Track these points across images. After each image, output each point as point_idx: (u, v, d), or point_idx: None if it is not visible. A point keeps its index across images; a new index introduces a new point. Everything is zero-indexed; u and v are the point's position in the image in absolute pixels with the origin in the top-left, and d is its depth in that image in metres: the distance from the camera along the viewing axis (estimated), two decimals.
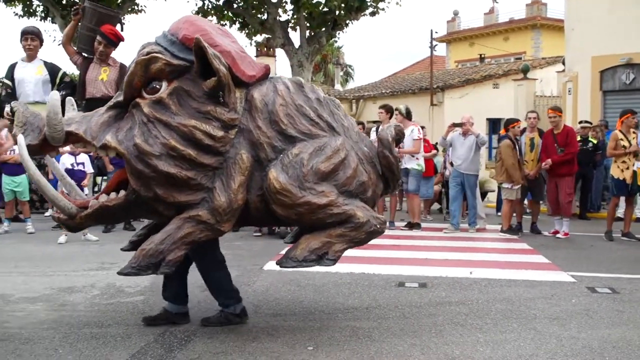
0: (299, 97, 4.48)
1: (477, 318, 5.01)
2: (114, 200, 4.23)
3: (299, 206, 4.19)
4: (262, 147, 4.26)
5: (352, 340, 4.43)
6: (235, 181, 4.17)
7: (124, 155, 4.10)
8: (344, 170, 4.34)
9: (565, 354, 4.17)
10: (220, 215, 4.17)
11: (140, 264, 4.13)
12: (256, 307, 5.28)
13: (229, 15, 18.47)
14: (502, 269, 7.02)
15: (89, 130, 4.17)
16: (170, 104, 4.13)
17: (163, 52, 4.18)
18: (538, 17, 33.91)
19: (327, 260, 4.31)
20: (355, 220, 4.30)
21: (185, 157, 4.06)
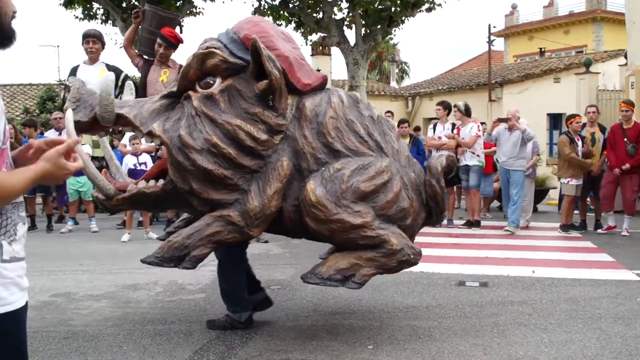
0: (352, 112, 4.38)
1: (540, 318, 4.91)
2: (151, 188, 4.24)
3: (332, 222, 4.06)
4: (305, 156, 4.18)
5: (412, 339, 4.41)
6: (271, 187, 4.10)
7: (166, 144, 4.10)
8: (385, 193, 4.18)
9: (630, 354, 4.06)
10: (251, 219, 4.11)
11: (164, 255, 4.17)
12: (315, 306, 5.31)
13: (285, 15, 18.57)
14: (566, 267, 6.86)
15: (139, 116, 4.19)
16: (220, 100, 4.13)
17: (222, 48, 4.18)
18: (598, 10, 32.91)
19: (352, 283, 4.13)
20: (389, 246, 4.13)
21: (225, 155, 4.05)
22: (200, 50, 4.19)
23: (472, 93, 22.53)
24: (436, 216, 4.67)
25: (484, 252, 7.89)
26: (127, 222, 9.33)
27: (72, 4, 18.25)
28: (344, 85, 21.90)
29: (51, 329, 4.71)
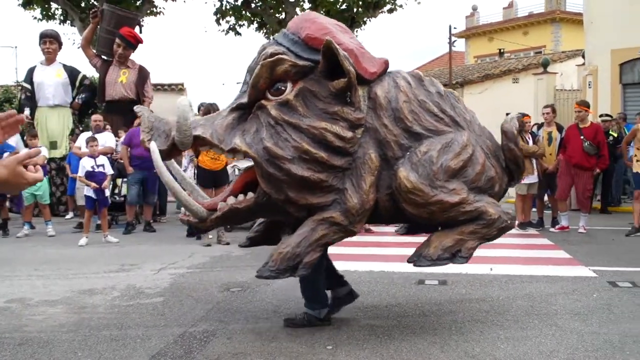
0: (420, 92, 4.41)
1: (497, 315, 4.97)
2: (243, 203, 4.26)
3: (431, 205, 4.15)
4: (389, 145, 4.22)
5: (371, 338, 4.42)
6: (366, 181, 4.15)
7: (254, 158, 4.10)
8: (473, 166, 4.29)
9: (586, 350, 4.12)
10: (353, 216, 4.17)
11: (279, 267, 4.14)
12: (275, 307, 5.29)
13: (247, 15, 18.51)
14: (523, 265, 6.96)
15: (215, 134, 4.17)
16: (297, 105, 4.12)
17: (287, 52, 4.15)
18: (557, 10, 33.58)
19: (460, 258, 4.26)
20: (487, 217, 4.25)
21: (317, 160, 4.06)
22: (265, 58, 4.15)
23: None
24: (517, 177, 4.80)
25: None
26: (85, 226, 9.17)
27: (31, 4, 17.92)
28: None
29: (6, 335, 4.60)
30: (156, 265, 7.18)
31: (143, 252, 8.17)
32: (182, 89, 22.18)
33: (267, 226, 4.86)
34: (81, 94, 12.57)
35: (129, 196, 10.21)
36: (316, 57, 4.11)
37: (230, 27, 18.82)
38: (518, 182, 5.01)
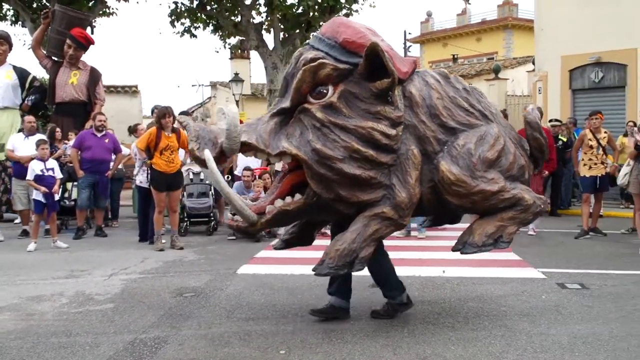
0: (449, 88, 4.69)
1: (449, 317, 5.04)
2: (292, 204, 4.38)
3: (473, 195, 4.43)
4: (428, 140, 4.47)
5: (324, 342, 4.42)
6: (411, 176, 4.37)
7: (305, 161, 4.24)
8: (506, 156, 4.60)
9: (534, 350, 4.21)
10: (403, 210, 4.39)
11: (337, 263, 4.31)
12: (229, 313, 5.24)
13: (202, 17, 18.35)
14: (474, 267, 7.05)
15: (260, 139, 4.28)
16: (341, 107, 4.30)
17: (326, 57, 4.31)
18: (509, 17, 34.27)
19: (502, 243, 4.58)
20: (524, 202, 4.57)
21: (367, 158, 4.26)
22: (306, 62, 4.29)
23: None
24: (541, 164, 5.17)
25: (397, 254, 7.99)
26: (33, 231, 8.95)
27: None
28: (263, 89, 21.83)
29: None
30: (107, 270, 7.05)
31: (94, 257, 8.01)
32: (136, 91, 21.90)
33: (301, 228, 5.01)
34: (31, 96, 12.26)
35: (79, 200, 9.99)
36: (354, 60, 4.31)
37: (186, 29, 18.61)
38: (541, 168, 5.35)
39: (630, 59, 14.19)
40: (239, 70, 22.22)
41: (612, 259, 7.65)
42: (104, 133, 10.10)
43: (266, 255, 8.06)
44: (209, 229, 10.14)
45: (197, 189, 10.33)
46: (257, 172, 10.19)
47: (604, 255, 7.91)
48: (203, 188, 10.33)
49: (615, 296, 5.71)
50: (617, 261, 7.46)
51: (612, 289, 5.98)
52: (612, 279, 6.45)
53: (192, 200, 10.19)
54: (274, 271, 6.91)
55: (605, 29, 14.37)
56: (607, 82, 14.63)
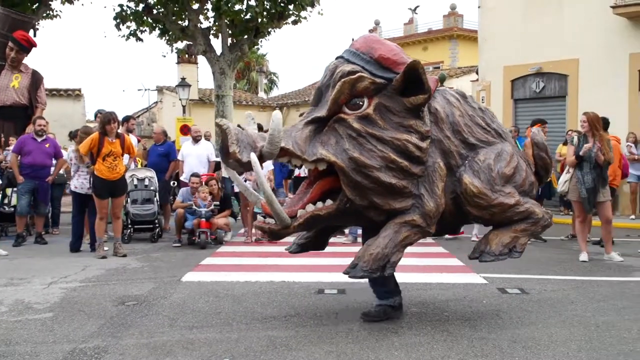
0: (468, 107, 5.02)
1: (392, 322, 5.08)
2: (324, 209, 4.57)
3: (493, 207, 4.76)
4: (452, 155, 4.79)
5: (269, 349, 4.40)
6: (438, 187, 4.66)
7: (342, 168, 4.45)
8: (519, 172, 4.96)
9: (475, 355, 4.29)
10: (430, 219, 4.66)
11: (371, 267, 4.52)
12: (172, 321, 5.17)
13: (149, 21, 18.11)
14: (419, 272, 7.15)
15: (296, 145, 4.43)
16: (377, 119, 4.54)
17: (362, 70, 4.55)
18: (455, 27, 34.93)
19: (515, 253, 4.88)
20: (535, 216, 4.92)
21: (402, 168, 4.52)
22: (343, 74, 4.52)
23: None
24: (544, 182, 5.67)
25: (343, 260, 8.02)
26: None
27: None
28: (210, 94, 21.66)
29: None
30: (47, 279, 6.86)
31: (33, 265, 7.79)
32: (79, 95, 21.45)
33: (317, 233, 5.20)
34: None
35: (18, 206, 9.69)
36: (388, 75, 4.56)
37: (131, 32, 18.34)
38: (542, 184, 5.80)
39: (571, 69, 14.67)
40: (185, 75, 22.00)
41: (552, 264, 7.86)
42: (44, 138, 9.84)
43: (212, 263, 8.00)
44: (154, 236, 9.98)
45: (142, 195, 10.16)
46: (203, 178, 10.09)
47: (544, 261, 8.12)
48: (147, 194, 10.17)
49: (554, 301, 5.87)
50: (556, 267, 7.68)
51: (552, 294, 6.15)
52: (552, 284, 6.63)
53: (136, 206, 10.02)
54: (219, 278, 6.85)
55: (547, 40, 14.85)
56: (548, 92, 15.08)
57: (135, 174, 10.19)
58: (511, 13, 15.69)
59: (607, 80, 13.76)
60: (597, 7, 13.85)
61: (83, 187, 8.92)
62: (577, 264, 7.87)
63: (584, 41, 14.22)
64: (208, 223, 9.35)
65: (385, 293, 5.21)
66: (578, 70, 14.55)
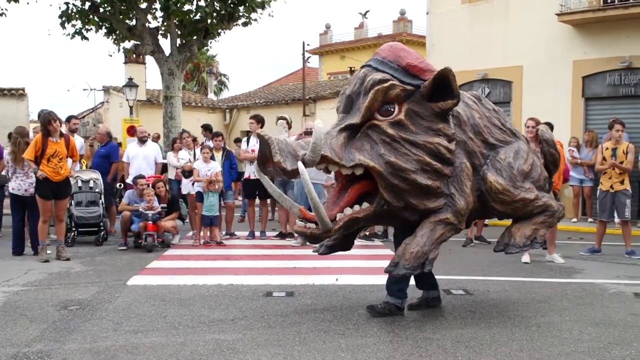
0: (484, 109, 5.33)
1: (340, 324, 5.12)
2: (362, 212, 4.82)
3: (516, 202, 5.13)
4: (475, 155, 5.11)
5: (215, 353, 4.38)
6: (467, 186, 4.97)
7: (379, 172, 4.68)
8: (535, 169, 5.34)
9: (420, 355, 4.36)
10: (462, 216, 4.98)
11: (412, 265, 4.79)
12: (116, 325, 5.08)
13: (95, 20, 17.70)
14: (367, 275, 7.22)
15: (333, 152, 4.65)
16: (408, 124, 4.78)
17: (391, 78, 4.77)
18: (404, 33, 35.29)
19: (536, 244, 5.32)
20: (552, 209, 5.34)
21: (436, 170, 4.78)
22: (375, 83, 4.73)
23: (287, 108, 23.14)
24: (553, 175, 6.04)
25: (292, 263, 8.08)
26: None
27: None
28: (159, 95, 21.37)
29: None
30: None
31: None
32: (23, 94, 20.86)
33: (344, 234, 5.30)
34: None
35: None
36: (415, 82, 4.81)
37: (77, 31, 17.91)
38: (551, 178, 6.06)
39: (515, 75, 15.02)
40: (133, 75, 21.63)
41: (496, 266, 8.04)
42: None
43: (158, 266, 7.89)
44: (99, 239, 9.77)
45: (86, 197, 9.95)
46: (150, 180, 9.94)
47: (488, 262, 8.29)
48: (92, 196, 9.96)
49: (497, 302, 6.01)
50: (499, 268, 7.85)
51: (495, 295, 6.30)
52: (495, 285, 6.78)
53: (80, 209, 9.79)
54: (166, 282, 6.77)
55: (493, 46, 15.18)
56: (493, 98, 15.38)
57: (80, 176, 9.97)
58: (458, 20, 15.98)
59: (550, 86, 14.14)
60: (542, 15, 14.21)
61: (20, 189, 8.65)
62: (520, 265, 8.07)
63: (528, 48, 14.58)
64: (155, 226, 9.21)
65: (398, 291, 5.37)
66: (522, 76, 14.91)
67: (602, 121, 12.09)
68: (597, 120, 13.51)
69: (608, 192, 8.92)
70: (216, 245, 9.61)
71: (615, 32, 13.37)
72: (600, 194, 9.11)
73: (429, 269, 4.91)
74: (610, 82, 13.64)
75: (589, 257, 8.77)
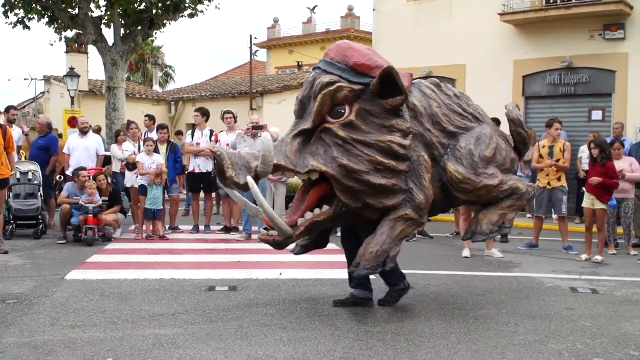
0: (443, 96, 5.27)
1: (282, 318, 5.14)
2: (322, 215, 4.85)
3: (479, 190, 5.10)
4: (434, 146, 5.06)
5: (155, 348, 4.34)
6: (425, 179, 4.93)
7: (333, 176, 4.71)
8: (500, 152, 5.29)
9: (360, 348, 4.42)
10: (422, 211, 4.96)
11: (372, 265, 4.82)
12: (54, 320, 4.98)
13: (37, 9, 17.20)
14: (311, 269, 7.26)
15: (287, 160, 4.70)
16: (359, 124, 4.77)
17: (340, 80, 4.77)
18: (352, 29, 35.46)
19: (505, 228, 5.31)
20: (519, 191, 5.31)
21: (390, 168, 4.76)
22: (322, 87, 4.75)
23: (234, 101, 22.95)
24: (523, 155, 6.01)
25: (236, 257, 8.05)
26: None
27: None
28: (102, 86, 20.90)
29: None
30: None
31: None
32: None
33: (317, 234, 5.35)
34: None
35: None
36: (365, 81, 4.79)
37: (19, 20, 17.37)
38: (521, 159, 6.10)
39: (459, 74, 15.29)
40: (75, 65, 21.07)
41: (437, 260, 8.20)
42: None
43: (99, 260, 7.75)
44: (37, 233, 9.51)
45: (25, 189, 9.66)
46: (91, 173, 9.72)
47: (430, 256, 8.45)
48: (31, 189, 9.69)
49: (437, 295, 6.14)
50: (440, 262, 8.02)
51: (435, 289, 6.43)
52: (436, 279, 6.92)
53: (19, 201, 9.51)
54: (105, 276, 6.65)
55: (437, 44, 15.42)
56: None
57: (18, 167, 9.68)
58: (404, 17, 16.17)
59: (492, 85, 14.45)
60: (485, 15, 14.52)
61: None
62: (461, 260, 8.25)
63: (471, 47, 14.87)
64: (96, 219, 9.02)
65: (396, 279, 5.48)
66: (465, 75, 15.21)
67: (541, 120, 12.41)
68: (537, 119, 13.86)
69: (545, 189, 9.20)
70: (159, 239, 9.48)
71: (556, 33, 13.77)
72: (537, 190, 9.38)
73: (391, 266, 4.94)
74: (550, 82, 14.06)
75: (527, 252, 9.04)
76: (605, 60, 13.30)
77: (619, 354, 4.45)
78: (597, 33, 13.36)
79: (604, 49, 13.32)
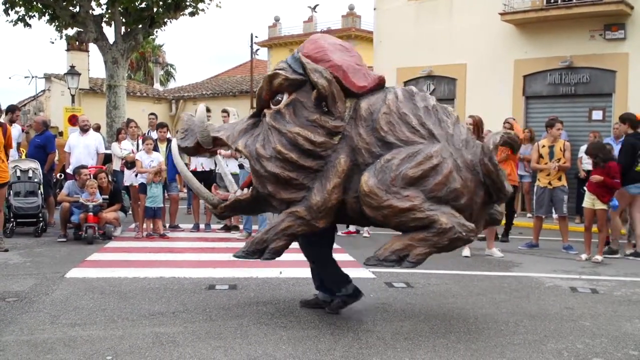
0: (406, 105, 4.71)
1: (282, 317, 5.14)
2: (243, 196, 5.03)
3: (383, 208, 4.46)
4: (360, 152, 4.63)
5: (155, 346, 4.34)
6: (330, 183, 4.61)
7: (248, 157, 4.85)
8: (434, 176, 4.44)
9: (360, 347, 4.42)
10: (315, 212, 4.64)
11: (248, 249, 4.84)
12: (54, 318, 4.98)
13: (38, 6, 17.23)
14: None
15: (231, 136, 4.95)
16: (285, 113, 4.73)
17: (286, 68, 4.79)
18: (353, 28, 35.48)
19: (408, 263, 4.49)
20: (438, 225, 4.37)
21: (288, 159, 4.63)
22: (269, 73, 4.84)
23: (235, 100, 23.02)
24: (495, 194, 4.73)
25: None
26: None
27: None
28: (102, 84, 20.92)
29: None
30: None
31: None
32: None
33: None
34: None
35: None
36: None
37: (20, 17, 17.40)
38: (499, 200, 4.92)
39: (459, 73, 15.32)
40: (76, 63, 21.14)
41: (436, 259, 8.03)
42: None
43: (99, 259, 7.75)
44: (37, 230, 9.53)
45: (25, 187, 9.67)
46: (92, 171, 9.73)
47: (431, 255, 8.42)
48: (31, 186, 9.70)
49: (437, 294, 6.14)
50: (440, 262, 7.93)
51: (435, 288, 6.43)
52: (436, 278, 6.92)
53: (19, 199, 9.52)
54: (105, 274, 6.66)
55: (438, 44, 15.43)
56: (438, 95, 15.63)
57: (18, 165, 9.70)
58: (404, 16, 16.17)
59: (493, 84, 14.47)
60: (485, 14, 14.52)
61: None
62: (460, 259, 8.24)
63: (471, 46, 14.88)
64: (96, 217, 9.03)
65: (337, 283, 5.30)
66: (466, 74, 15.21)
67: (542, 119, 12.40)
68: (537, 118, 13.88)
69: (546, 189, 9.20)
70: (159, 237, 9.49)
71: (556, 32, 13.77)
72: (537, 190, 9.39)
73: (268, 257, 4.81)
74: (550, 81, 14.06)
75: (527, 252, 9.04)
76: (606, 60, 13.31)
77: (618, 353, 4.46)
78: (597, 33, 13.36)
79: (605, 49, 13.32)
